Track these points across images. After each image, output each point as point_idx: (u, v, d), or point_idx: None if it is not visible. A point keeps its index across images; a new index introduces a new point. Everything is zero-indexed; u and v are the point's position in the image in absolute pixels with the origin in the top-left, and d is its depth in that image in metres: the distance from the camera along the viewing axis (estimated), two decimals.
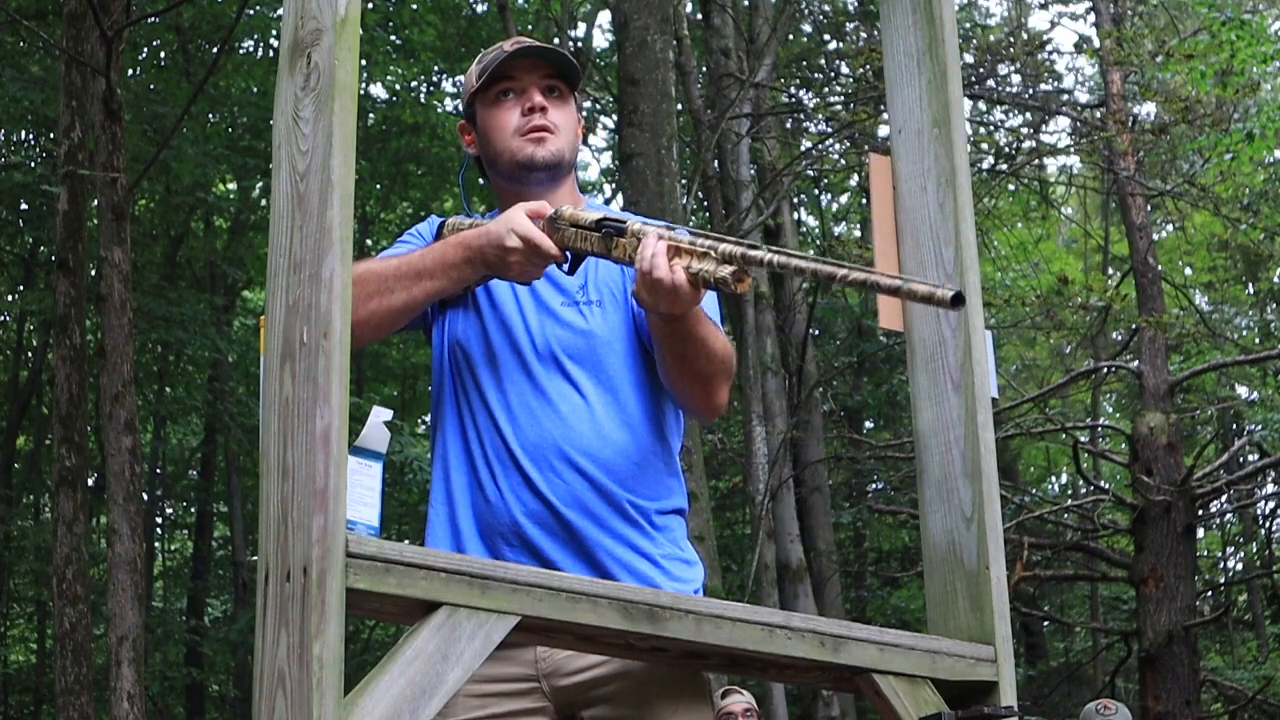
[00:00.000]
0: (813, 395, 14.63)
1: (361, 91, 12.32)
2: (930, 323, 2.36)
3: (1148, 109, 15.14)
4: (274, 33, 14.02)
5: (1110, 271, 18.19)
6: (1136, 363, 13.36)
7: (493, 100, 2.52)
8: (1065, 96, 16.37)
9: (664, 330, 2.29)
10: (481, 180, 2.68)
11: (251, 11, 13.08)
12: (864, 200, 17.43)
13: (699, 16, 14.29)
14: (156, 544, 18.99)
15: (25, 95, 12.53)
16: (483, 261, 2.34)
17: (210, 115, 14.77)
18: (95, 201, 9.51)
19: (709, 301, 2.39)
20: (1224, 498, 15.06)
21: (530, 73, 2.51)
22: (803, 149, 14.20)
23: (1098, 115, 14.51)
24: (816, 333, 16.95)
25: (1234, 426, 19.40)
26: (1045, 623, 19.12)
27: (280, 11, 6.12)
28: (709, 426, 16.15)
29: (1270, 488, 17.45)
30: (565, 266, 2.38)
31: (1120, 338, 15.96)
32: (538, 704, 2.34)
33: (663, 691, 2.29)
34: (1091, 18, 14.78)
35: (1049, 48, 16.46)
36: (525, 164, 2.49)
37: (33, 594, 16.89)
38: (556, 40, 14.59)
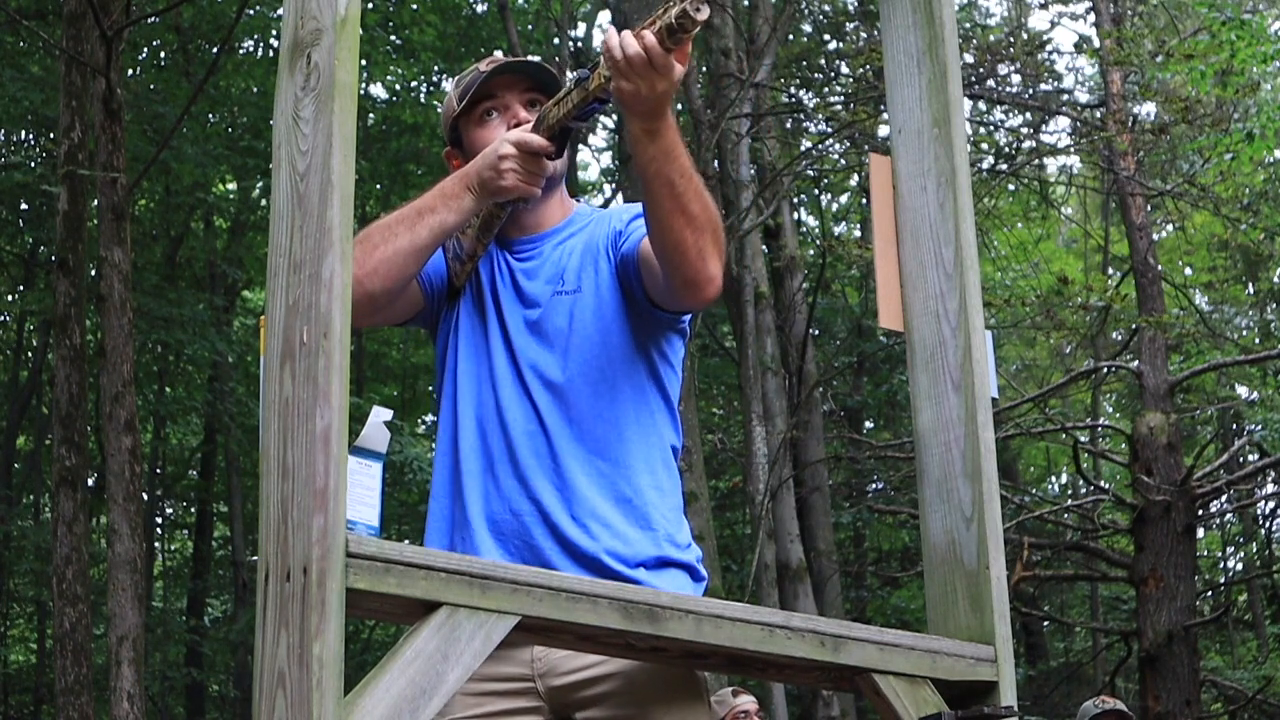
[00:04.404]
0: (813, 395, 14.63)
1: (361, 91, 12.32)
2: (930, 323, 2.36)
3: (1148, 109, 15.15)
4: (274, 33, 14.03)
5: (1110, 271, 18.19)
6: (1136, 363, 13.35)
7: (477, 121, 2.56)
8: (1065, 96, 16.36)
9: (652, 151, 2.24)
10: None
11: (251, 11, 13.08)
12: (864, 200, 17.42)
13: None
14: (156, 544, 18.98)
15: (25, 95, 12.54)
16: (479, 182, 2.38)
17: (210, 115, 14.78)
18: (95, 201, 9.50)
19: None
20: (1224, 498, 15.05)
21: (510, 89, 2.55)
22: (803, 149, 14.20)
23: (1098, 115, 14.51)
24: (816, 333, 16.95)
25: (1234, 426, 19.39)
26: (1045, 623, 19.12)
27: (280, 11, 6.12)
28: (709, 426, 16.17)
29: (1270, 488, 17.44)
30: (553, 154, 2.41)
31: (1120, 338, 15.96)
32: (531, 704, 2.34)
33: (658, 692, 2.30)
34: (1091, 18, 14.77)
35: (1049, 48, 16.48)
36: None
37: (33, 594, 16.90)
38: (556, 40, 14.62)
